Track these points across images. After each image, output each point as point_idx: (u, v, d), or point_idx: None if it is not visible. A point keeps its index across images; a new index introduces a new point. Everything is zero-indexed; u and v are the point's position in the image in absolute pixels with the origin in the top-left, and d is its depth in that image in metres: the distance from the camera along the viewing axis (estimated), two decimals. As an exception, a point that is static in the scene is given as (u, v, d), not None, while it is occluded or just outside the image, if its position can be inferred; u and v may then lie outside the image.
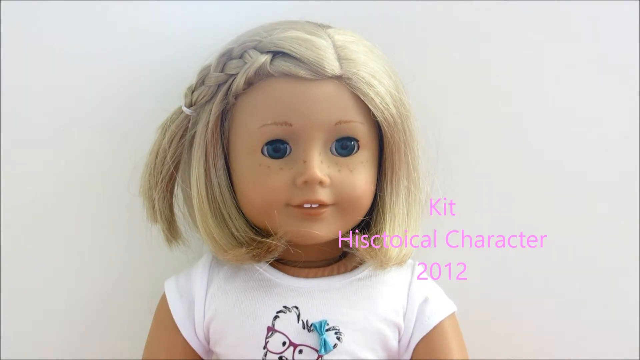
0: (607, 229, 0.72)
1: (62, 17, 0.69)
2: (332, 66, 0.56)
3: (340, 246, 0.61)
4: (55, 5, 0.68)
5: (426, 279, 0.64)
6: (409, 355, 0.61)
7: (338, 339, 0.58)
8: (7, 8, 0.68)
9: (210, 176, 0.60)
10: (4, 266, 0.71)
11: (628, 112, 0.71)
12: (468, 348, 0.63)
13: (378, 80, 0.58)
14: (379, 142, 0.61)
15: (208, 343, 0.61)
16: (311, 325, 0.58)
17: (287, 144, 0.58)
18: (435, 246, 0.69)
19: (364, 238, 0.60)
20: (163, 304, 0.62)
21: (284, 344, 0.58)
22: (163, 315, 0.62)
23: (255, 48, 0.57)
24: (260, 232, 0.60)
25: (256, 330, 0.59)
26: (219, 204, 0.60)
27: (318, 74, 0.56)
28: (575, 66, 0.70)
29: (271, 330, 0.58)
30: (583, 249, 0.72)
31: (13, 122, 0.70)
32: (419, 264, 0.64)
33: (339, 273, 0.62)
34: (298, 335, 0.58)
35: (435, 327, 0.61)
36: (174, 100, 0.62)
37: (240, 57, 0.58)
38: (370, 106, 0.58)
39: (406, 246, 0.60)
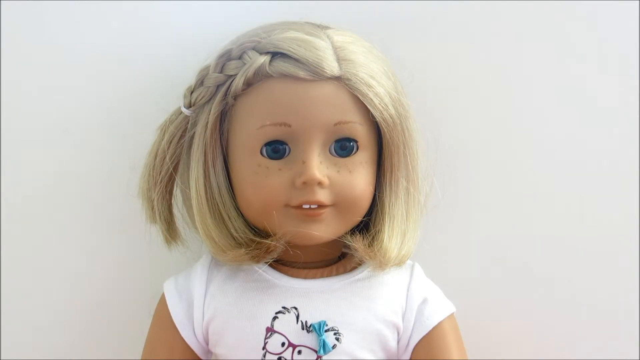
0: (607, 229, 0.72)
1: (62, 17, 0.69)
2: (331, 67, 0.56)
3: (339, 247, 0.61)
4: (55, 5, 0.69)
5: (425, 279, 0.64)
6: (408, 355, 0.61)
7: (337, 339, 0.58)
8: (7, 8, 0.68)
9: (209, 177, 0.60)
10: (4, 266, 0.71)
11: (629, 112, 0.70)
12: (467, 348, 0.63)
13: (377, 81, 0.58)
14: (378, 143, 0.61)
15: (207, 343, 0.61)
16: (310, 325, 0.59)
17: (286, 144, 0.58)
18: (434, 247, 0.68)
19: (363, 239, 0.60)
20: (162, 305, 0.62)
21: (283, 344, 0.58)
22: (162, 316, 0.62)
23: (254, 49, 0.57)
24: (259, 232, 0.60)
25: (255, 330, 0.59)
26: (218, 205, 0.60)
27: (317, 74, 0.56)
28: (575, 66, 0.70)
29: (270, 330, 0.58)
30: (583, 249, 0.72)
31: (13, 122, 0.70)
32: (417, 265, 0.64)
33: (338, 274, 0.62)
34: (297, 335, 0.58)
35: (434, 328, 0.61)
36: (173, 101, 0.62)
37: (239, 57, 0.58)
38: (369, 107, 0.58)
39: (405, 247, 0.60)
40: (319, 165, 0.57)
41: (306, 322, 0.59)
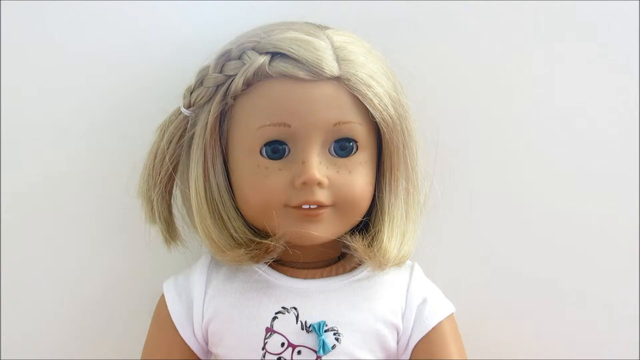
0: (607, 229, 0.72)
1: (62, 17, 0.69)
2: (331, 67, 0.56)
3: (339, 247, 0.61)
4: (55, 5, 0.68)
5: (424, 279, 0.64)
6: (407, 356, 0.61)
7: (337, 339, 0.58)
8: (7, 8, 0.68)
9: (209, 177, 0.60)
10: (3, 266, 0.71)
11: (628, 111, 0.70)
12: (467, 348, 0.63)
13: (376, 81, 0.58)
14: (378, 143, 0.61)
15: (206, 344, 0.61)
16: (310, 326, 0.59)
17: (286, 144, 0.58)
18: (434, 247, 0.68)
19: (363, 239, 0.60)
20: (162, 305, 0.62)
21: (282, 344, 0.58)
22: (162, 316, 0.62)
23: (253, 49, 0.57)
24: (258, 233, 0.60)
25: (255, 331, 0.59)
26: (217, 205, 0.60)
27: (316, 74, 0.56)
28: (574, 66, 0.70)
29: (270, 331, 0.58)
30: (583, 249, 0.72)
31: (13, 122, 0.70)
32: (417, 265, 0.64)
33: (337, 274, 0.62)
34: (297, 336, 0.58)
35: (433, 328, 0.61)
36: (173, 101, 0.62)
37: (239, 58, 0.58)
38: (368, 107, 0.58)
39: (405, 247, 0.60)
40: (319, 166, 0.57)
41: (306, 322, 0.59)
